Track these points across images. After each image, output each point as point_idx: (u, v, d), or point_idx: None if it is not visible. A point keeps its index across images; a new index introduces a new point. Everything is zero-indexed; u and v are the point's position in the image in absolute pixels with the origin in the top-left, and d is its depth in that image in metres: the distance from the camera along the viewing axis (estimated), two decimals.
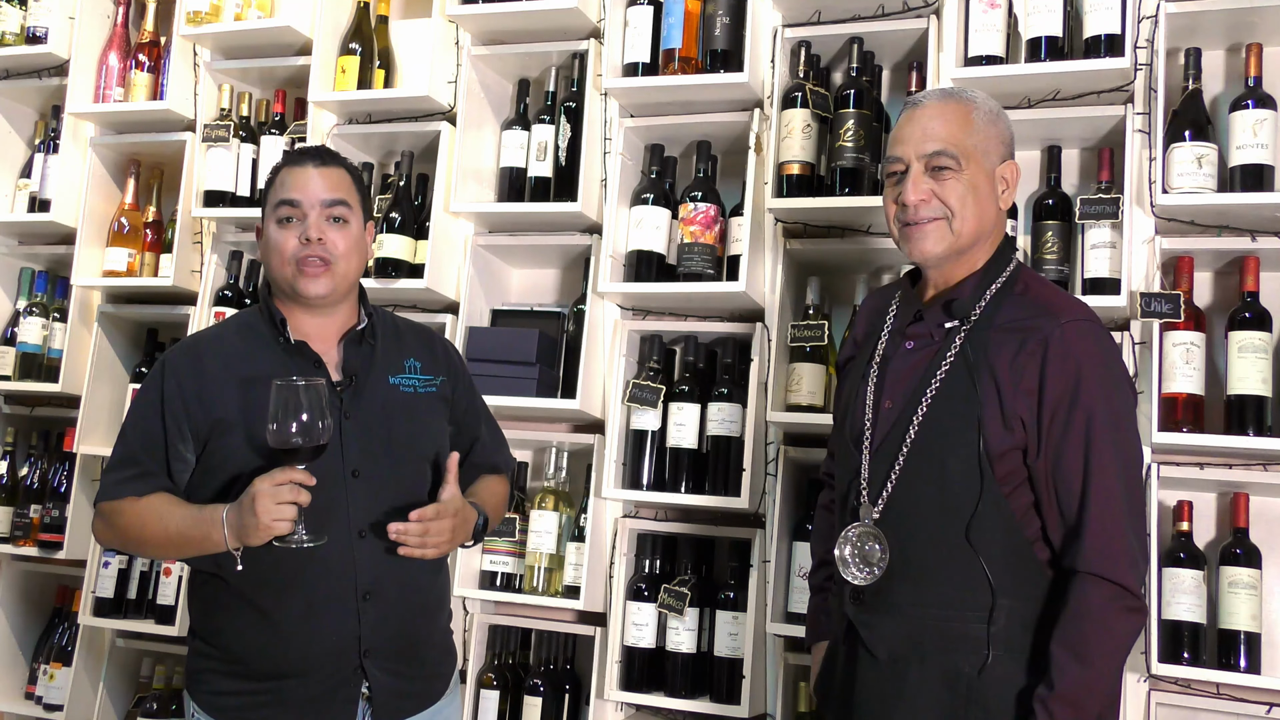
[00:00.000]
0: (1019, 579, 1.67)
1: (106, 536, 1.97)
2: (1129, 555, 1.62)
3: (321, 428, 1.76)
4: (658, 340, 2.83)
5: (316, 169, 1.95)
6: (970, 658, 1.65)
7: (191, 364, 1.92)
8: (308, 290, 1.92)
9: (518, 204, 2.90)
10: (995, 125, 1.78)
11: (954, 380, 1.70)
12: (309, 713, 1.87)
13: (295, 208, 1.92)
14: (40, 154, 3.55)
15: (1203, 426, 2.34)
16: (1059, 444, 1.64)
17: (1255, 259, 2.39)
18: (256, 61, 3.26)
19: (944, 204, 1.74)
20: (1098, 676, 1.59)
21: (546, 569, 2.81)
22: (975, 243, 1.77)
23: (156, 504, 1.87)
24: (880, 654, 1.72)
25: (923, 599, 1.69)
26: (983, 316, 1.73)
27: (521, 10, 2.87)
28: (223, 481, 1.88)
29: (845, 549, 1.75)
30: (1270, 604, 2.36)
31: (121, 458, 1.92)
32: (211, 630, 1.92)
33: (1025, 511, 1.68)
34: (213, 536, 1.80)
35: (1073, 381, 1.64)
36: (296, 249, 1.91)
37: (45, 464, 3.50)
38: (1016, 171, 1.81)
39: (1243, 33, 2.47)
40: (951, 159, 1.74)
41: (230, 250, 3.28)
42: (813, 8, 2.70)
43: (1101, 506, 1.62)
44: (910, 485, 1.72)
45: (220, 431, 1.87)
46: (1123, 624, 1.61)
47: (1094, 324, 1.70)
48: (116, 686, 3.33)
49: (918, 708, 1.68)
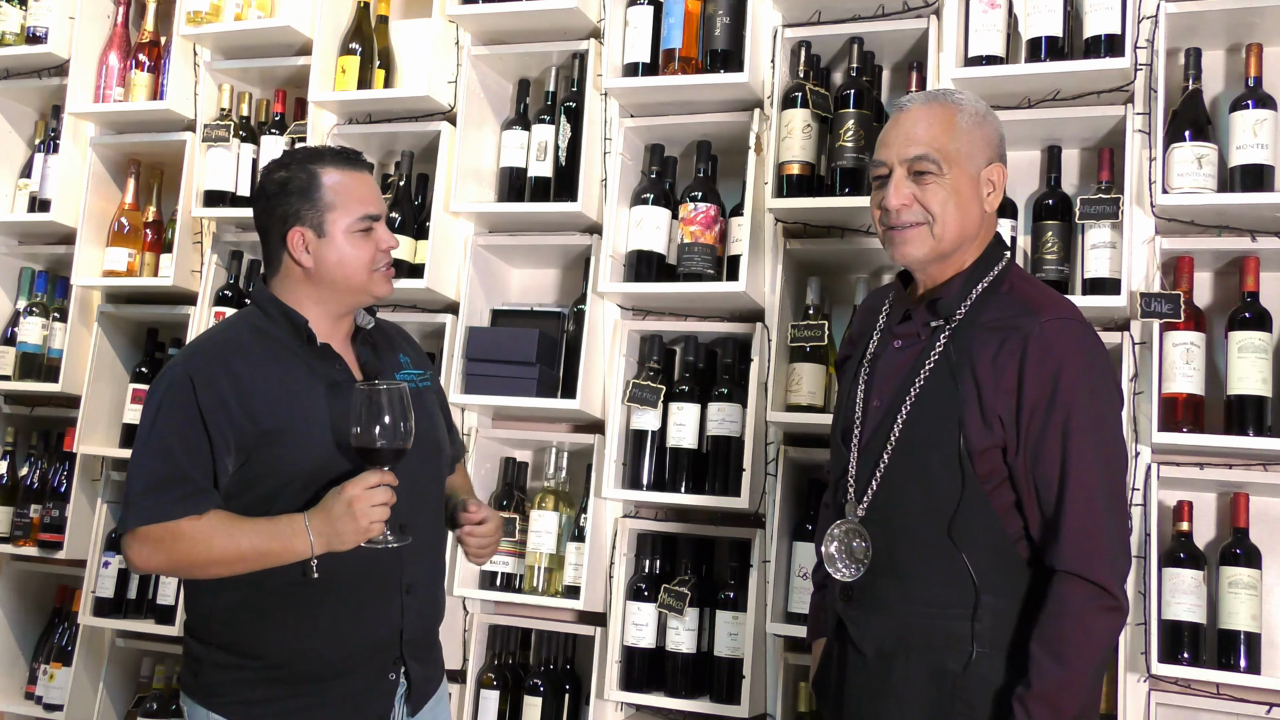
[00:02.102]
0: (1003, 577, 1.67)
1: (155, 561, 1.83)
2: (1107, 554, 1.62)
3: (404, 430, 1.79)
4: (658, 340, 2.83)
5: (369, 174, 1.98)
6: (956, 655, 1.66)
7: (224, 372, 1.83)
8: (383, 291, 1.98)
9: (518, 204, 2.90)
10: (981, 128, 1.77)
11: (937, 379, 1.71)
12: (350, 708, 1.87)
13: (376, 220, 1.95)
14: (40, 154, 3.55)
15: (1203, 426, 2.33)
16: (1038, 442, 1.64)
17: (1255, 259, 2.39)
18: (256, 61, 3.26)
19: (925, 209, 1.74)
20: (1075, 676, 1.60)
21: (546, 569, 2.81)
22: (959, 245, 1.77)
23: (219, 522, 1.79)
24: (868, 651, 1.74)
25: (908, 596, 1.71)
26: (967, 315, 1.74)
27: (521, 10, 2.87)
28: (266, 491, 1.84)
29: (832, 545, 1.77)
30: (1270, 604, 2.36)
31: (166, 476, 1.79)
32: (242, 639, 1.86)
33: (1008, 510, 1.69)
34: (295, 547, 1.77)
35: (1051, 380, 1.64)
36: (374, 256, 1.94)
37: (45, 464, 3.50)
38: (1003, 174, 1.79)
39: (1243, 33, 2.47)
40: (933, 163, 1.74)
41: (230, 250, 3.28)
42: (813, 8, 2.70)
43: (1079, 505, 1.62)
44: (894, 483, 1.73)
45: (267, 442, 1.82)
46: (1100, 624, 1.61)
47: (1076, 322, 1.70)
48: (116, 686, 3.32)
49: (904, 704, 1.69)
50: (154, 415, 1.84)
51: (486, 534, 2.04)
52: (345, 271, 1.92)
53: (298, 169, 1.93)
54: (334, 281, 1.93)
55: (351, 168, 1.96)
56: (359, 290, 1.95)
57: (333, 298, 1.95)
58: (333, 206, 1.91)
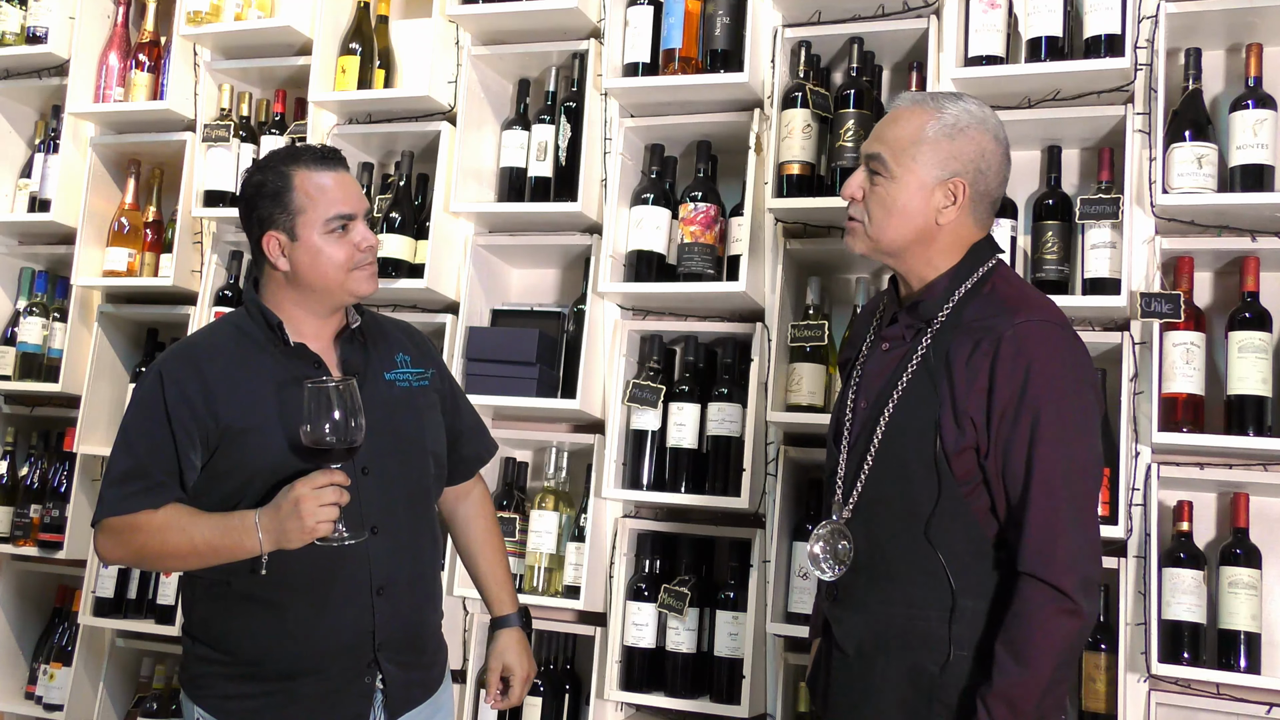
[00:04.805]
0: (980, 579, 1.68)
1: (116, 554, 1.90)
2: (1067, 558, 1.61)
3: (354, 426, 1.78)
4: (658, 340, 2.83)
5: (345, 172, 1.96)
6: (933, 655, 1.67)
7: (191, 371, 1.88)
8: (365, 290, 1.95)
9: (518, 204, 2.90)
10: (953, 140, 1.73)
11: (917, 381, 1.72)
12: (324, 709, 1.87)
13: (351, 219, 1.93)
14: (40, 154, 3.55)
15: (1203, 426, 2.34)
16: (1006, 444, 1.64)
17: (1255, 259, 2.39)
18: (256, 61, 3.26)
19: (865, 209, 1.77)
20: (1034, 677, 1.60)
21: (546, 569, 2.81)
22: (904, 249, 1.77)
23: (175, 516, 1.84)
24: (849, 649, 1.75)
25: (888, 597, 1.72)
26: (949, 318, 1.73)
27: (521, 10, 2.87)
28: (230, 488, 1.86)
29: (817, 546, 1.78)
30: (1270, 604, 2.36)
31: (128, 470, 1.86)
32: (217, 635, 1.90)
33: (985, 512, 1.69)
34: (245, 543, 1.79)
35: (1021, 381, 1.64)
36: (352, 255, 1.92)
37: (45, 464, 3.50)
38: (965, 190, 1.74)
39: (1243, 33, 2.47)
40: (883, 165, 1.74)
41: (230, 250, 3.28)
42: (813, 8, 2.70)
43: (1041, 508, 1.62)
44: (877, 484, 1.74)
45: (230, 438, 1.85)
46: (1058, 626, 1.60)
47: (1051, 324, 1.69)
48: (116, 686, 3.33)
49: (883, 702, 1.70)
50: (126, 413, 1.92)
51: (513, 702, 2.17)
52: (321, 273, 1.92)
53: (271, 173, 1.93)
54: (311, 284, 1.93)
55: (326, 167, 1.94)
56: (338, 291, 1.94)
57: (313, 299, 1.95)
58: (303, 209, 1.91)
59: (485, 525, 2.23)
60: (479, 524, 2.22)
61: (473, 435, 2.21)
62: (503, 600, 2.19)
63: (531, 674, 2.17)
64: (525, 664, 2.16)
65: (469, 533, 2.22)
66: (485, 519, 2.23)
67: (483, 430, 2.25)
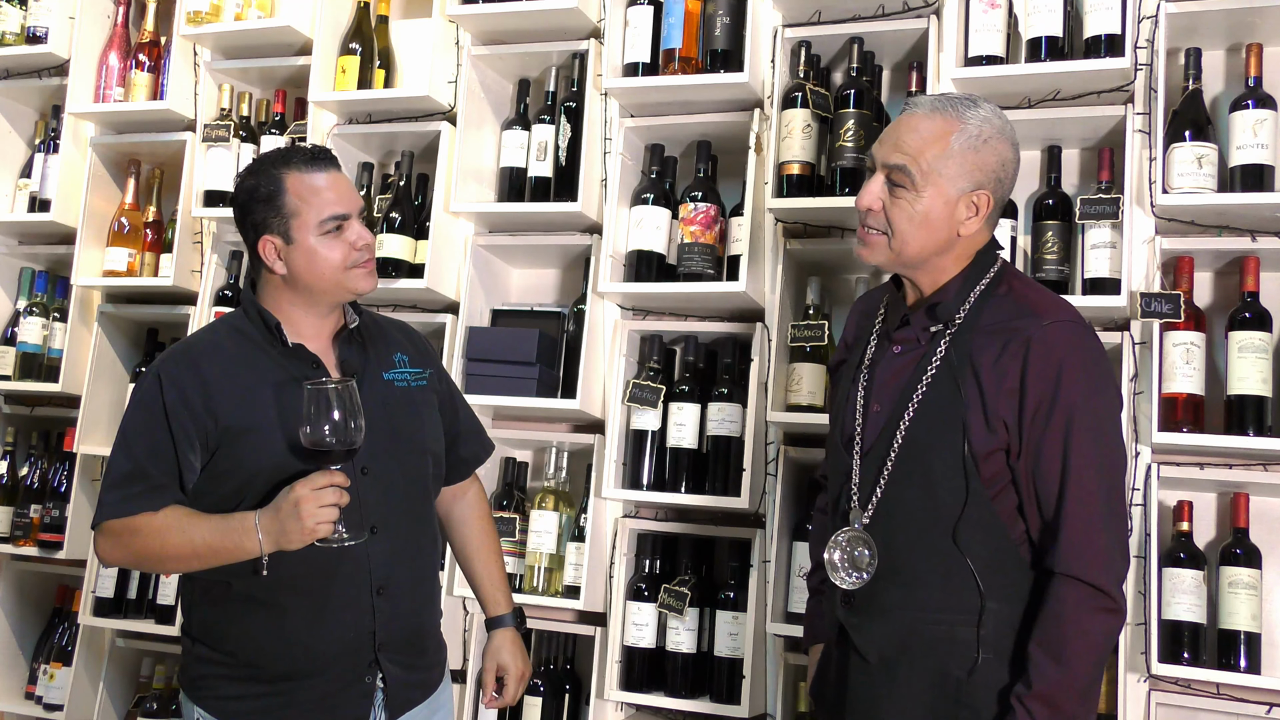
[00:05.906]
0: (1007, 581, 1.67)
1: (116, 555, 1.90)
2: (1105, 557, 1.62)
3: (354, 427, 1.78)
4: (658, 340, 2.83)
5: (337, 171, 1.95)
6: (959, 660, 1.66)
7: (190, 372, 1.88)
8: (364, 287, 1.95)
9: (518, 204, 2.90)
10: (978, 153, 1.71)
11: (939, 384, 1.70)
12: (324, 709, 1.88)
13: (345, 219, 1.92)
14: (40, 154, 3.55)
15: (1203, 426, 2.34)
16: (1038, 444, 1.64)
17: (1255, 259, 2.39)
18: (256, 61, 3.26)
19: (889, 221, 1.73)
20: (1074, 677, 1.60)
21: (546, 569, 2.81)
22: (923, 260, 1.75)
23: (174, 518, 1.83)
24: (871, 656, 1.73)
25: (912, 602, 1.70)
26: (967, 319, 1.73)
27: (521, 10, 2.87)
28: (230, 489, 1.86)
29: (835, 553, 1.76)
30: (1270, 604, 2.36)
31: (127, 472, 1.85)
32: (217, 636, 1.90)
33: (1011, 513, 1.68)
34: (245, 545, 1.79)
35: (1053, 382, 1.64)
36: (348, 255, 1.92)
37: (45, 464, 3.50)
38: (989, 202, 1.73)
39: (1243, 33, 2.47)
40: (908, 177, 1.71)
41: (230, 250, 3.28)
42: (813, 8, 2.70)
43: (1078, 507, 1.62)
44: (898, 489, 1.72)
45: (229, 439, 1.85)
46: (1097, 625, 1.61)
47: (1077, 325, 1.69)
48: (116, 686, 3.32)
49: (907, 709, 1.68)
50: (125, 415, 1.91)
51: (508, 701, 2.17)
52: (317, 274, 1.92)
53: (263, 176, 1.93)
54: (309, 285, 1.93)
55: (318, 168, 1.93)
56: (336, 290, 1.94)
57: (311, 299, 1.95)
58: (297, 212, 1.90)
59: (481, 525, 2.23)
60: (475, 524, 2.22)
61: (470, 436, 2.21)
62: (497, 600, 2.19)
63: (526, 673, 2.17)
64: (520, 663, 2.16)
65: (464, 533, 2.22)
66: (481, 519, 2.23)
67: (480, 431, 2.25)
